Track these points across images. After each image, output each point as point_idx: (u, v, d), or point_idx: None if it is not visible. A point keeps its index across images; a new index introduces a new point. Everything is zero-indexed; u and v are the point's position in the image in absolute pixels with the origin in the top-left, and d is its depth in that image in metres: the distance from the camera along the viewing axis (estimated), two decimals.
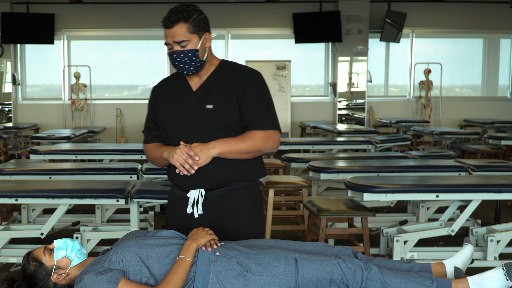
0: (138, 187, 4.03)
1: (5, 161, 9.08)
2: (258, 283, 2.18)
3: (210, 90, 2.47)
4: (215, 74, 2.50)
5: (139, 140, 10.61)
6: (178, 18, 2.38)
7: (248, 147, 2.41)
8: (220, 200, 2.45)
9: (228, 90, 2.45)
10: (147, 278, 2.21)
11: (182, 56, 2.41)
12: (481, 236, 4.14)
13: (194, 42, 2.41)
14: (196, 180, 2.43)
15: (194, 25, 2.40)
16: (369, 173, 4.70)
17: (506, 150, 8.15)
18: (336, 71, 11.35)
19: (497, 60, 12.14)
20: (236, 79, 2.46)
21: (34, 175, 4.75)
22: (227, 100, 2.43)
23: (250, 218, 2.49)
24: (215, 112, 2.42)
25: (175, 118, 2.48)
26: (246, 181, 2.49)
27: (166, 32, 2.42)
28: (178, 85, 2.54)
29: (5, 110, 11.49)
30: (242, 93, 2.43)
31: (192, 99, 2.47)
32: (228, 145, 2.39)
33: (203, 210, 2.45)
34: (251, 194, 2.50)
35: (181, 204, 2.49)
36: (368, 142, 7.04)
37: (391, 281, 2.20)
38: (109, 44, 11.80)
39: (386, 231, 4.27)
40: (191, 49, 2.40)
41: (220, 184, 2.44)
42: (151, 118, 2.62)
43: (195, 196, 2.45)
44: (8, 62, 11.21)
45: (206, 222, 2.43)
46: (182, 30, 2.39)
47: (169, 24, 2.40)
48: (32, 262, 2.31)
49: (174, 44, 2.41)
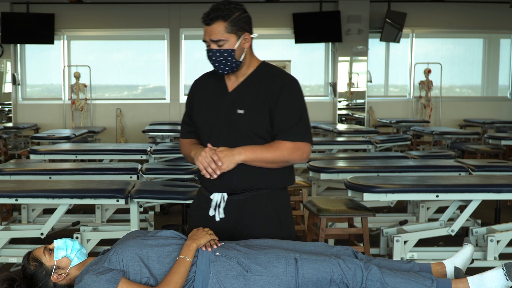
0: (138, 187, 4.03)
1: (5, 161, 9.08)
2: (258, 283, 2.18)
3: (244, 93, 2.42)
4: (251, 77, 2.44)
5: (139, 140, 10.62)
6: (217, 16, 2.31)
7: (274, 157, 2.36)
8: (242, 205, 2.42)
9: (261, 96, 2.39)
10: (147, 278, 2.21)
11: (218, 55, 2.36)
12: (481, 236, 4.14)
13: (232, 41, 2.35)
14: (220, 184, 2.41)
15: (233, 25, 2.33)
16: (369, 173, 4.70)
17: (506, 150, 8.15)
18: (336, 71, 11.35)
19: (497, 60, 12.14)
20: (270, 85, 2.39)
21: (34, 175, 4.75)
22: (258, 106, 2.38)
23: (270, 224, 2.43)
24: (245, 118, 2.38)
25: (206, 118, 2.45)
26: (270, 188, 2.44)
27: (205, 29, 2.36)
28: (216, 82, 2.50)
29: (5, 110, 11.48)
30: (275, 101, 2.37)
31: (226, 101, 2.43)
32: (253, 153, 2.34)
33: (224, 214, 2.42)
34: (273, 201, 2.44)
35: (205, 204, 2.48)
36: (368, 142, 7.03)
37: (391, 281, 2.20)
38: (109, 44, 11.79)
39: (386, 231, 4.27)
40: (227, 49, 2.35)
41: (243, 190, 2.41)
42: (187, 113, 2.59)
43: (217, 199, 2.43)
44: (8, 62, 11.21)
45: (227, 226, 2.42)
46: (220, 28, 2.32)
47: (208, 21, 2.33)
48: (32, 262, 2.31)
49: (210, 42, 2.36)
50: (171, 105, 11.39)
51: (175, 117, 11.28)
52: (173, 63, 11.31)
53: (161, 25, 11.23)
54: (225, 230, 2.42)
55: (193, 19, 11.01)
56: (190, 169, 4.92)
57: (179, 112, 11.34)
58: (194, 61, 11.47)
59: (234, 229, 2.43)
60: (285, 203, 2.51)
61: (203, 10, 2.41)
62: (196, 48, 11.61)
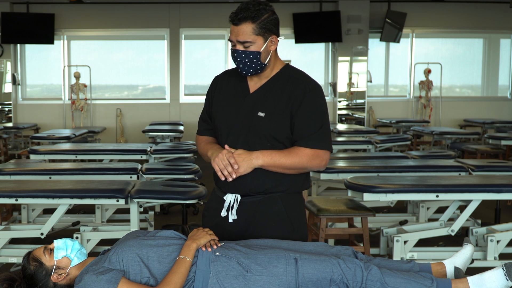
0: (138, 187, 4.03)
1: (5, 161, 9.08)
2: (258, 283, 2.18)
3: (265, 96, 2.37)
4: (274, 80, 2.40)
5: (139, 140, 10.63)
6: (246, 16, 2.25)
7: (292, 163, 2.33)
8: (255, 207, 2.39)
9: (283, 100, 2.34)
10: (147, 278, 2.21)
11: (243, 56, 2.31)
12: (481, 236, 4.14)
13: (258, 44, 2.30)
14: (234, 185, 2.38)
15: (261, 27, 2.28)
16: (369, 173, 4.70)
17: (506, 150, 8.15)
18: (336, 71, 11.35)
19: (497, 60, 12.15)
20: (293, 90, 2.34)
21: (34, 175, 4.75)
22: (280, 110, 2.33)
23: (282, 228, 2.41)
24: (265, 121, 2.33)
25: (226, 118, 2.41)
26: (285, 192, 2.41)
27: (232, 28, 2.31)
28: (238, 82, 2.45)
29: (5, 110, 11.49)
30: (297, 106, 2.32)
31: (247, 102, 2.39)
32: (272, 158, 2.31)
33: (237, 215, 2.41)
34: (286, 204, 2.41)
35: (218, 205, 2.46)
36: (368, 142, 7.03)
37: (391, 281, 2.19)
38: (109, 44, 11.80)
39: (386, 231, 4.27)
40: (253, 51, 2.30)
41: (257, 192, 2.39)
42: (206, 109, 2.55)
43: (230, 200, 2.41)
44: (8, 62, 11.21)
45: (239, 227, 2.41)
46: (248, 30, 2.27)
47: (236, 21, 2.28)
48: (32, 262, 2.31)
49: (237, 43, 2.31)
50: (171, 105, 11.39)
51: (175, 117, 11.28)
52: (173, 63, 11.31)
53: (161, 25, 11.23)
54: (237, 232, 2.41)
55: (193, 19, 11.02)
56: (190, 169, 4.92)
57: (179, 112, 11.34)
58: (194, 61, 11.48)
59: (246, 231, 2.41)
60: (298, 207, 2.48)
61: (203, 10, 2.40)
62: (196, 48, 11.61)
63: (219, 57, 11.43)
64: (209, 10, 11.01)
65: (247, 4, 2.28)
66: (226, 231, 2.41)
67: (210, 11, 11.01)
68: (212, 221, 2.45)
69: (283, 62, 2.46)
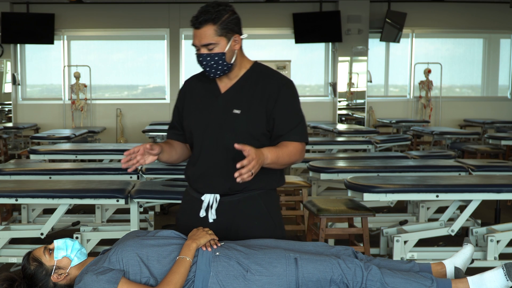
0: (138, 187, 4.03)
1: (5, 161, 9.08)
2: (258, 283, 2.18)
3: (238, 94, 2.38)
4: (245, 78, 2.40)
5: (139, 140, 10.63)
6: (207, 19, 2.25)
7: (290, 159, 2.33)
8: (235, 207, 2.40)
9: (257, 97, 2.35)
10: (147, 278, 2.21)
11: (209, 59, 2.31)
12: (481, 236, 4.14)
13: (222, 45, 2.29)
14: (213, 185, 2.38)
15: (223, 27, 2.27)
16: (369, 173, 4.70)
17: (506, 150, 8.15)
18: (336, 71, 11.35)
19: (497, 60, 12.14)
20: (266, 86, 2.36)
21: (34, 175, 4.75)
22: (255, 107, 2.35)
23: (264, 225, 2.42)
24: (242, 118, 2.34)
25: (199, 120, 2.41)
26: (263, 189, 2.42)
27: (194, 33, 2.31)
28: (207, 85, 2.45)
29: (5, 110, 11.49)
30: (273, 102, 2.33)
31: (220, 102, 2.39)
32: (277, 156, 2.27)
33: (216, 215, 2.40)
34: (266, 202, 2.42)
35: (195, 206, 2.44)
36: (368, 142, 7.04)
37: (391, 281, 2.19)
38: (109, 44, 11.80)
39: (386, 231, 4.27)
40: (217, 53, 2.29)
41: (236, 191, 2.39)
42: (175, 116, 2.54)
43: (209, 200, 2.40)
44: (8, 62, 11.21)
45: (219, 227, 2.40)
46: (210, 32, 2.26)
47: (197, 25, 2.27)
48: (32, 262, 2.31)
49: (201, 47, 2.30)
50: (171, 105, 11.37)
51: None
52: (173, 63, 11.32)
53: (161, 25, 11.23)
54: (218, 232, 2.40)
55: None
56: None
57: None
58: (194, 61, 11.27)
59: (228, 230, 2.41)
60: (276, 203, 2.51)
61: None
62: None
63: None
64: None
65: (207, 6, 2.28)
66: None
67: None
68: (190, 222, 2.43)
69: (251, 60, 2.46)
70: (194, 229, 2.33)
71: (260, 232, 2.41)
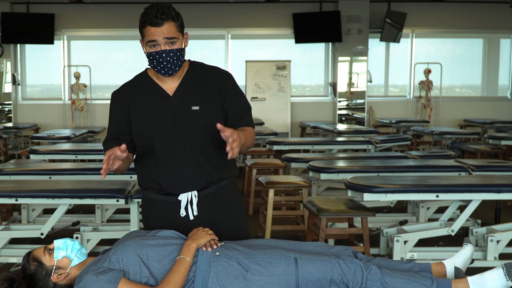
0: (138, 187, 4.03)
1: (5, 161, 9.08)
2: (258, 283, 2.18)
3: (189, 92, 2.41)
4: (189, 75, 2.45)
5: None
6: (168, 16, 2.28)
7: (251, 143, 2.45)
8: (212, 198, 2.44)
9: (209, 90, 2.42)
10: (147, 278, 2.21)
11: (171, 55, 2.32)
12: (481, 236, 4.14)
13: (181, 41, 2.35)
14: (189, 184, 2.40)
15: (180, 25, 2.34)
16: (369, 173, 4.70)
17: (506, 150, 8.15)
18: (336, 71, 11.36)
19: (497, 60, 12.15)
20: (214, 80, 2.44)
21: (34, 175, 4.75)
22: (210, 101, 2.40)
23: (240, 211, 2.54)
24: (202, 113, 2.38)
25: (155, 123, 2.39)
26: (231, 177, 2.52)
27: (152, 30, 2.28)
28: (149, 90, 2.43)
29: (5, 110, 11.49)
30: (224, 93, 2.43)
31: (173, 102, 2.39)
32: (245, 139, 2.37)
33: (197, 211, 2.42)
34: (235, 188, 2.55)
35: (168, 209, 2.44)
36: (368, 142, 7.03)
37: (391, 281, 2.20)
38: (109, 44, 11.80)
39: (386, 231, 4.27)
40: (178, 48, 2.33)
41: (212, 183, 2.44)
42: (116, 128, 2.45)
43: (188, 198, 2.41)
44: (8, 62, 11.22)
45: (202, 222, 2.42)
46: (172, 28, 2.30)
47: (157, 23, 2.27)
48: (32, 262, 2.31)
49: (162, 42, 2.29)
50: None
51: None
52: None
53: None
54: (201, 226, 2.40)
55: (192, 19, 11.01)
56: None
57: None
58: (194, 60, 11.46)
59: (211, 222, 2.44)
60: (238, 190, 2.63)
61: (203, 10, 2.39)
62: (195, 48, 11.60)
63: (219, 57, 11.44)
64: (209, 10, 11.01)
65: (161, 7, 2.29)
66: (189, 230, 2.38)
67: (210, 11, 11.01)
68: (168, 225, 2.42)
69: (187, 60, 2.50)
70: (194, 229, 2.33)
71: (238, 219, 2.52)
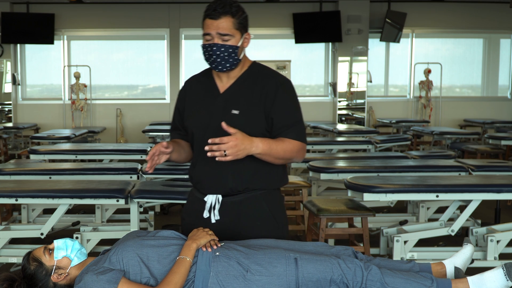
0: (138, 187, 4.03)
1: (5, 161, 9.08)
2: (258, 283, 2.18)
3: (237, 94, 2.38)
4: (244, 78, 2.41)
5: (139, 140, 10.62)
6: (226, 11, 2.26)
7: (284, 152, 2.33)
8: (237, 207, 2.40)
9: (256, 96, 2.36)
10: (147, 278, 2.21)
11: (223, 50, 2.30)
12: (481, 236, 4.15)
13: (236, 39, 2.30)
14: (214, 186, 2.38)
15: (240, 22, 2.30)
16: (369, 173, 4.70)
17: (506, 150, 8.15)
18: (336, 71, 11.35)
19: (497, 60, 12.14)
20: (264, 86, 2.37)
21: (34, 175, 4.75)
22: (253, 107, 2.35)
23: (267, 226, 2.42)
24: (240, 118, 2.33)
25: (199, 120, 2.41)
26: (265, 189, 2.42)
27: (209, 23, 2.28)
28: (206, 85, 2.45)
29: (5, 110, 11.49)
30: (271, 101, 2.34)
31: (218, 102, 2.39)
32: (269, 146, 2.28)
33: (219, 216, 2.40)
34: (269, 202, 2.42)
35: (198, 207, 2.45)
36: (368, 142, 7.04)
37: (391, 281, 2.19)
38: (109, 44, 11.79)
39: (386, 231, 4.27)
40: (232, 45, 2.30)
41: (238, 192, 2.39)
42: (176, 118, 2.54)
43: (212, 201, 2.41)
44: (8, 62, 11.21)
45: (222, 228, 2.40)
46: (229, 23, 2.27)
47: (215, 15, 2.26)
48: (32, 262, 2.31)
49: (216, 36, 2.28)
50: (171, 105, 11.38)
51: None
52: (173, 63, 11.32)
53: (161, 25, 11.23)
54: (221, 232, 2.40)
55: (193, 19, 11.02)
56: None
57: None
58: (194, 61, 11.47)
59: (231, 231, 2.41)
60: (280, 203, 2.50)
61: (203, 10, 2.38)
62: (196, 48, 11.60)
63: None
64: None
65: (223, 1, 2.29)
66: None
67: None
68: (194, 223, 2.43)
69: (250, 60, 2.47)
70: (194, 229, 2.33)
71: (262, 232, 2.41)
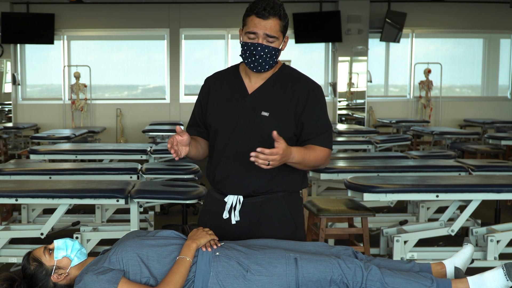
0: (138, 187, 4.03)
1: (5, 161, 9.08)
2: (258, 283, 2.18)
3: (266, 96, 2.35)
4: (274, 80, 2.38)
5: (139, 140, 10.62)
6: (275, 13, 2.24)
7: (315, 161, 2.32)
8: (258, 208, 2.38)
9: (287, 99, 2.33)
10: (147, 278, 2.21)
11: (266, 51, 2.28)
12: (481, 236, 4.14)
13: (279, 41, 2.30)
14: (236, 187, 2.37)
15: (284, 25, 2.29)
16: (369, 173, 4.70)
17: (506, 150, 8.15)
18: (336, 71, 11.35)
19: (497, 60, 12.14)
20: (296, 90, 2.34)
21: (34, 175, 4.75)
22: (283, 110, 2.32)
23: (286, 227, 2.41)
24: (270, 121, 2.31)
25: (226, 120, 2.37)
26: (287, 191, 2.41)
27: (256, 21, 2.24)
28: (233, 83, 2.41)
29: (5, 110, 11.49)
30: (302, 106, 2.32)
31: (247, 103, 2.35)
32: (304, 156, 2.25)
33: (239, 216, 2.39)
34: (289, 204, 2.42)
35: (218, 207, 2.43)
36: (368, 142, 7.03)
37: (391, 281, 2.19)
38: (109, 44, 11.79)
39: (386, 231, 4.27)
40: (275, 47, 2.29)
41: (260, 193, 2.38)
42: (197, 114, 2.49)
43: (232, 201, 2.39)
44: (8, 62, 11.21)
45: (242, 229, 2.39)
46: (276, 25, 2.26)
47: (264, 15, 2.23)
48: (32, 262, 2.31)
49: (261, 36, 2.25)
50: (171, 105, 11.39)
51: (175, 117, 11.28)
52: (173, 63, 11.32)
53: (161, 25, 11.22)
54: (240, 233, 2.39)
55: (193, 19, 11.02)
56: (190, 169, 4.92)
57: (179, 112, 11.34)
58: (194, 61, 11.47)
59: (250, 232, 2.39)
60: (299, 206, 2.49)
61: (203, 10, 2.37)
62: (196, 48, 11.61)
63: (219, 57, 11.43)
64: (209, 10, 11.01)
65: (272, 2, 2.25)
66: (229, 233, 2.39)
67: (210, 11, 11.01)
68: (213, 224, 2.42)
69: (280, 61, 2.45)
70: (194, 229, 2.34)
71: (281, 234, 2.40)
